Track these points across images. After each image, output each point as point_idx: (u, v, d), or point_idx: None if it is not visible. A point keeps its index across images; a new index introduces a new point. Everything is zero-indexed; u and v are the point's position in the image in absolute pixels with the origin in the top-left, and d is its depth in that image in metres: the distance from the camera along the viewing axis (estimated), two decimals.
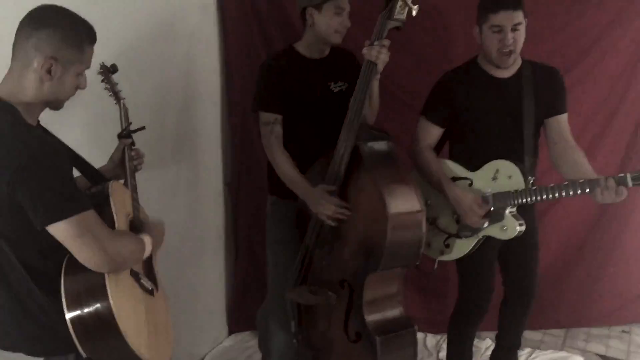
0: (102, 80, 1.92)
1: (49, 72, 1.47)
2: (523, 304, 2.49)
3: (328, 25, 2.28)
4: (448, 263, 2.44)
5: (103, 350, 1.50)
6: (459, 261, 2.42)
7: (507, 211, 2.23)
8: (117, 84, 1.93)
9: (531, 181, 2.24)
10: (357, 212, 2.12)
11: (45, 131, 1.64)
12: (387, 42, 2.08)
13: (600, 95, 2.98)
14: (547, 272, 3.13)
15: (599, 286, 3.18)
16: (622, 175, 2.04)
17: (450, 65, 2.44)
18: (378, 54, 2.07)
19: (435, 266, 2.39)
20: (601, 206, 3.04)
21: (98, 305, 1.47)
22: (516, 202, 2.20)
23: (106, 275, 1.49)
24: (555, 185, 2.13)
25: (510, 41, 2.17)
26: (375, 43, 2.08)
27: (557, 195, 2.12)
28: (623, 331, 3.23)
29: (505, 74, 2.28)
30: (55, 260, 1.50)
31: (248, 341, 3.13)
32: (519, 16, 2.17)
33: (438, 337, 3.12)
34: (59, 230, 1.42)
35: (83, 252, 1.45)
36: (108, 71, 1.91)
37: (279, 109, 2.33)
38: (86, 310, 1.47)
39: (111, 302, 1.47)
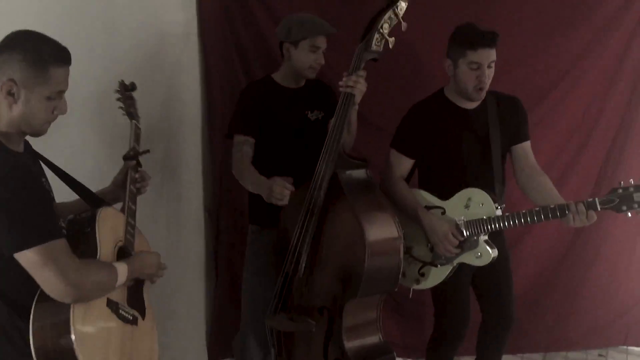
0: (118, 99, 1.94)
1: (10, 94, 1.46)
2: (502, 329, 2.53)
3: (303, 61, 2.40)
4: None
5: None
6: (434, 288, 2.45)
7: (480, 238, 2.28)
8: (136, 101, 1.94)
9: (501, 207, 2.29)
10: (336, 240, 2.15)
11: (33, 156, 1.64)
12: (363, 73, 2.15)
13: (572, 124, 3.06)
14: (524, 297, 3.18)
15: (575, 310, 3.23)
16: (591, 200, 2.12)
17: (424, 92, 2.51)
18: (355, 84, 2.14)
19: (410, 295, 2.42)
20: (575, 232, 3.13)
21: (61, 340, 1.45)
22: (489, 228, 2.24)
23: (72, 310, 1.47)
24: (527, 210, 2.19)
25: (486, 78, 2.26)
26: (352, 74, 2.14)
27: (529, 220, 2.18)
28: (600, 355, 3.28)
29: (472, 105, 2.37)
30: (30, 287, 1.48)
31: None
32: (494, 54, 2.27)
33: None
34: (24, 259, 1.42)
35: (46, 282, 1.44)
36: (125, 89, 1.93)
37: (252, 132, 2.40)
38: (50, 343, 1.45)
39: (73, 337, 1.44)
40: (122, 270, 1.62)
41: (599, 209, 2.12)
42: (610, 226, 3.11)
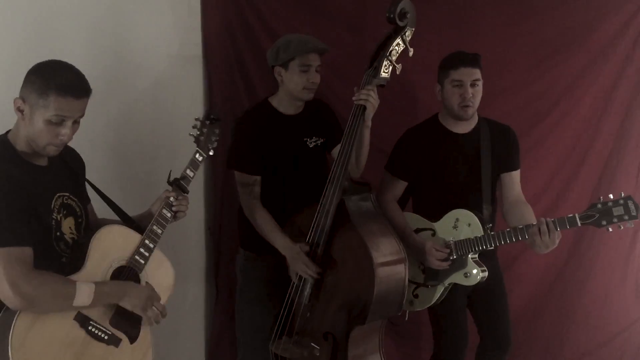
0: (194, 126, 1.99)
1: (19, 111, 1.61)
2: (499, 352, 2.55)
3: (296, 82, 2.31)
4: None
5: None
6: (431, 311, 2.50)
7: (469, 257, 2.33)
8: (214, 134, 2.00)
9: (489, 228, 2.35)
10: (343, 266, 2.16)
11: (59, 169, 1.76)
12: (374, 88, 2.15)
13: (565, 149, 3.12)
14: (517, 318, 3.19)
15: (569, 332, 3.25)
16: (571, 215, 2.15)
17: (425, 115, 2.59)
18: (367, 97, 2.13)
19: (406, 317, 2.44)
20: (568, 253, 3.18)
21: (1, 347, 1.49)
22: (477, 248, 2.29)
23: (16, 318, 1.51)
24: (511, 229, 2.24)
25: (469, 95, 2.33)
26: (364, 88, 2.15)
27: (514, 239, 2.23)
28: None
29: (464, 129, 2.44)
30: None
31: None
32: (477, 73, 2.35)
33: None
34: None
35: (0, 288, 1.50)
36: (207, 118, 2.00)
37: (257, 170, 2.35)
38: None
39: (10, 346, 1.48)
40: (85, 289, 1.61)
41: (579, 225, 2.14)
42: (602, 247, 3.16)
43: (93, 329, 1.66)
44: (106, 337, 1.69)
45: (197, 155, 1.97)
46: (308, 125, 2.45)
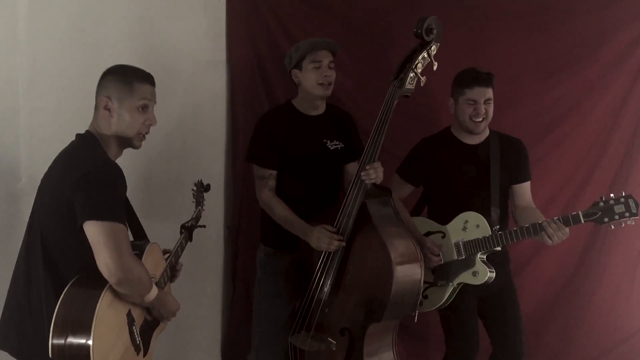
0: (192, 190, 2.40)
1: (107, 109, 1.80)
2: None
3: (310, 79, 2.43)
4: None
5: None
6: (442, 314, 2.58)
7: (477, 257, 2.43)
8: (205, 200, 2.39)
9: (497, 229, 2.45)
10: (362, 266, 2.26)
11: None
12: (378, 164, 2.27)
13: (576, 159, 3.17)
14: (526, 324, 3.23)
15: (576, 338, 3.29)
16: (575, 213, 2.31)
17: (439, 125, 2.71)
18: (376, 176, 2.25)
19: (415, 319, 2.49)
20: (577, 260, 3.23)
21: (79, 341, 1.57)
22: (485, 247, 2.40)
23: (96, 313, 1.59)
24: (517, 228, 2.38)
25: (483, 112, 2.47)
26: (369, 167, 2.25)
27: (520, 237, 2.36)
28: None
29: (475, 141, 2.57)
30: (75, 269, 1.67)
31: None
32: (490, 92, 2.49)
33: None
34: (92, 229, 1.61)
35: (103, 256, 1.60)
36: (201, 186, 2.39)
37: (274, 165, 2.46)
38: (68, 340, 1.57)
39: (91, 342, 1.56)
40: (154, 289, 1.80)
41: (583, 221, 2.28)
42: (611, 255, 3.20)
43: (134, 331, 1.79)
44: (137, 342, 1.81)
45: (199, 211, 2.36)
46: (328, 127, 2.54)
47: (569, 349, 3.31)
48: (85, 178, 1.64)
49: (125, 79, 1.82)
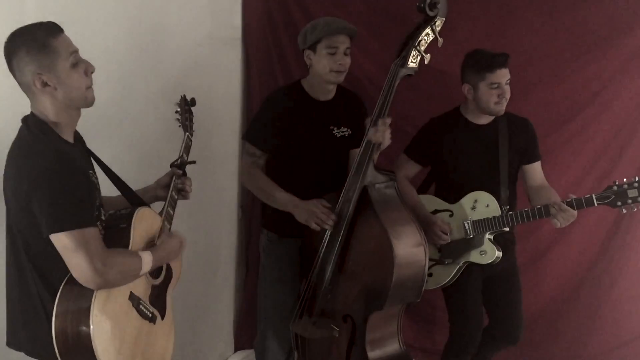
0: (177, 111, 2.08)
1: (45, 85, 1.57)
2: (508, 343, 2.66)
3: (324, 65, 2.31)
4: (433, 291, 2.58)
5: None
6: (447, 294, 2.60)
7: (485, 236, 2.43)
8: (194, 115, 2.08)
9: (507, 209, 2.45)
10: (363, 252, 2.22)
11: (81, 147, 1.76)
12: (389, 120, 2.17)
13: (603, 144, 3.09)
14: (543, 314, 3.24)
15: (593, 330, 3.24)
16: (588, 196, 2.33)
17: (450, 103, 2.67)
18: (383, 137, 2.16)
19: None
20: (600, 247, 3.17)
21: (80, 327, 1.54)
22: (494, 227, 2.41)
23: (94, 297, 1.55)
24: (529, 208, 2.38)
25: (508, 94, 2.44)
26: (380, 124, 2.15)
27: (530, 218, 2.36)
28: None
29: (484, 121, 2.56)
30: (62, 270, 1.58)
31: (253, 359, 3.24)
32: (508, 73, 2.45)
33: None
34: (58, 241, 1.53)
35: (75, 267, 1.54)
36: (186, 103, 2.09)
37: (267, 148, 2.39)
38: (69, 327, 1.55)
39: (92, 327, 1.53)
40: (147, 258, 1.70)
41: (596, 204, 2.30)
42: (632, 249, 3.13)
43: (142, 308, 1.75)
44: (150, 315, 1.78)
45: (187, 139, 2.06)
46: (337, 113, 2.45)
47: (586, 339, 3.26)
48: (37, 184, 1.51)
49: (39, 44, 1.55)
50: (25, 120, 1.65)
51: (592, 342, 3.26)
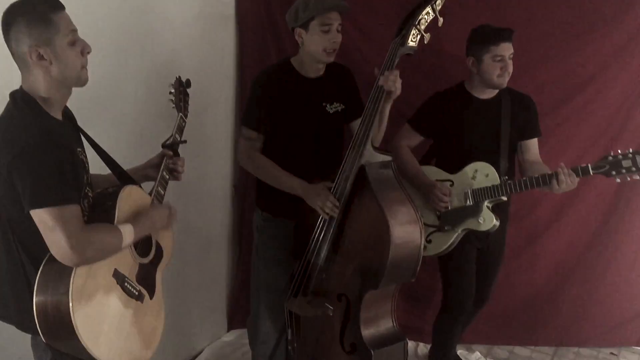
0: (170, 92, 2.05)
1: (41, 58, 1.56)
2: (478, 309, 2.84)
3: (316, 44, 2.26)
4: (427, 272, 2.60)
5: (60, 342, 1.57)
6: (442, 263, 2.69)
7: (484, 205, 2.50)
8: (188, 97, 2.06)
9: (506, 179, 2.51)
10: (359, 232, 2.20)
11: (70, 124, 1.73)
12: (397, 72, 2.14)
13: (599, 127, 3.08)
14: (541, 290, 3.25)
15: (590, 307, 3.26)
16: (585, 165, 2.38)
17: (450, 82, 2.71)
18: (394, 84, 2.11)
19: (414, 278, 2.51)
20: (595, 229, 3.18)
21: (59, 299, 1.52)
22: (493, 195, 2.49)
23: (73, 275, 1.53)
24: (526, 177, 2.45)
25: (510, 68, 2.52)
26: (388, 73, 2.11)
27: (529, 186, 2.44)
28: (612, 353, 3.29)
29: (488, 95, 2.63)
30: (46, 245, 1.56)
31: (246, 338, 3.24)
32: (512, 47, 2.50)
33: (429, 346, 3.22)
34: (37, 217, 1.51)
35: (53, 244, 1.52)
36: (180, 84, 2.06)
37: (264, 130, 2.36)
38: (49, 301, 1.53)
39: (70, 301, 1.51)
40: (128, 230, 1.66)
41: (592, 174, 2.37)
42: (631, 228, 3.13)
43: (127, 286, 1.72)
44: (137, 293, 1.76)
45: (180, 119, 2.02)
46: (328, 90, 2.42)
47: (581, 319, 3.29)
48: (19, 159, 1.50)
49: (40, 17, 1.54)
50: (13, 95, 1.63)
51: (587, 324, 3.29)
